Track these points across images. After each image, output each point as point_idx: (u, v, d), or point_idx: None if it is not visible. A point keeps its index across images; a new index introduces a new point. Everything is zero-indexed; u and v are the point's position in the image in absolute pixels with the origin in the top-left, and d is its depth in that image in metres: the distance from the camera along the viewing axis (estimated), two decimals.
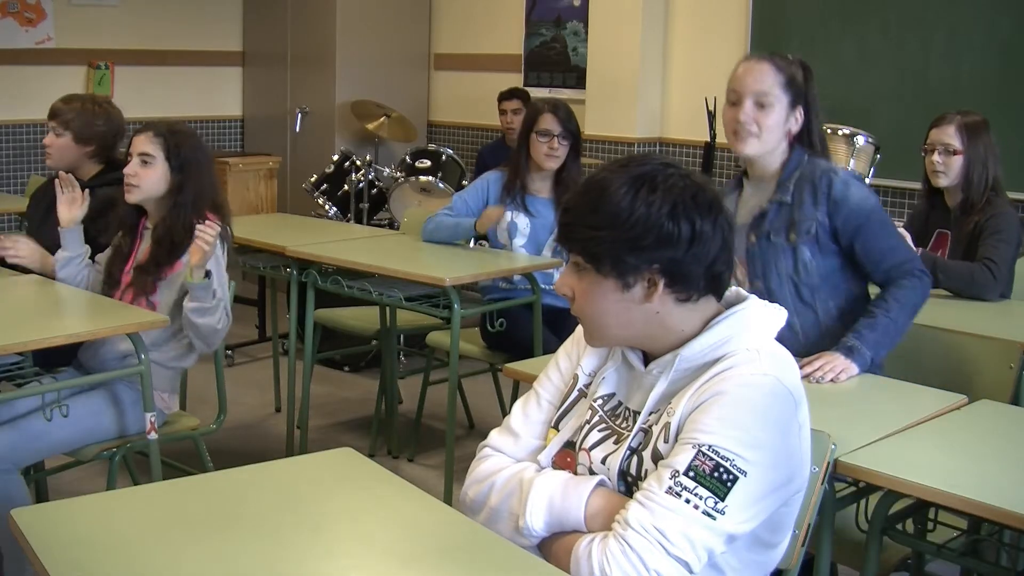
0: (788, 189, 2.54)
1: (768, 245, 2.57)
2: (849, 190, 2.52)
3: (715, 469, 1.47)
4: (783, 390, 1.55)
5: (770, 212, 2.56)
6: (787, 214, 2.54)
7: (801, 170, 2.54)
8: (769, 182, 2.60)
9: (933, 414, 2.15)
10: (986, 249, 3.19)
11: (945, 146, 3.32)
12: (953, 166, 3.32)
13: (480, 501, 1.71)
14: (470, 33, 6.73)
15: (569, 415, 1.72)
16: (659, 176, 1.55)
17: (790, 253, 2.55)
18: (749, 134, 2.52)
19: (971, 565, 2.21)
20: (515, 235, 3.86)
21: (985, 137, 3.34)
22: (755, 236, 2.58)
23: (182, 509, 1.64)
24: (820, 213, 2.51)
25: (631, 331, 1.62)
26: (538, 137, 3.79)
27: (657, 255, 1.54)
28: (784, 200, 2.54)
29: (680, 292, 1.57)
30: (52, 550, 1.48)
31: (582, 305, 1.62)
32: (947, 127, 3.34)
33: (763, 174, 2.61)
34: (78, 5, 6.38)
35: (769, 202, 2.56)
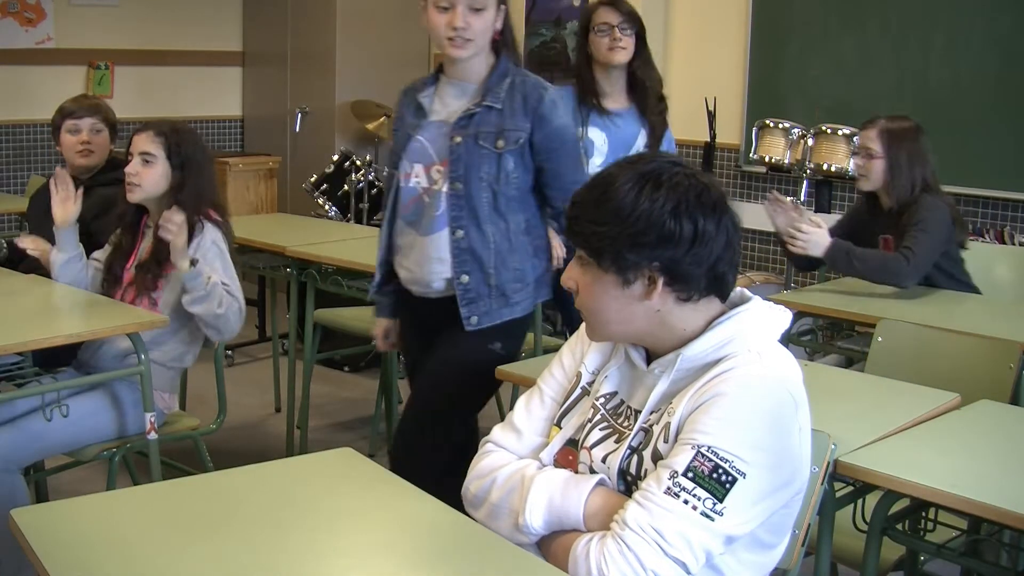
0: (499, 95, 2.54)
1: (474, 148, 2.53)
2: (556, 110, 2.57)
3: (714, 470, 1.47)
4: (784, 392, 1.55)
5: (478, 115, 2.53)
6: (497, 120, 2.53)
7: (512, 78, 2.55)
8: (473, 84, 2.58)
9: (930, 414, 2.16)
10: (906, 239, 3.21)
11: (867, 151, 3.34)
12: (873, 170, 3.32)
13: (481, 497, 1.71)
14: None
15: (572, 413, 1.72)
16: (665, 174, 1.55)
17: (495, 160, 2.54)
18: (466, 40, 2.50)
19: (971, 565, 2.20)
20: (592, 154, 3.50)
21: (909, 143, 3.32)
22: (460, 137, 2.53)
23: (182, 509, 1.64)
24: (528, 124, 2.54)
25: (631, 327, 1.62)
26: (597, 34, 3.43)
27: (657, 253, 1.53)
28: (494, 105, 2.53)
29: (680, 291, 1.57)
30: (52, 550, 1.48)
31: (584, 299, 1.63)
32: (870, 131, 3.35)
33: (466, 76, 2.59)
34: (78, 5, 6.38)
35: (477, 105, 2.53)
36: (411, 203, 2.63)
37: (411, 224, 2.63)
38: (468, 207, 2.55)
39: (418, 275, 2.64)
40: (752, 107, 5.33)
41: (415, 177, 2.60)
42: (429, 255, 2.60)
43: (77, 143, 3.42)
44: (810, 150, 4.69)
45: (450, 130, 2.55)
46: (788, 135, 4.81)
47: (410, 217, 2.63)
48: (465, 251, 2.56)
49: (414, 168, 2.61)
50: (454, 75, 2.61)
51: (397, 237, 2.68)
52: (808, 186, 4.76)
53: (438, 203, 2.57)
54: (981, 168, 4.61)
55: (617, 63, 3.44)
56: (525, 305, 2.67)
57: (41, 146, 6.32)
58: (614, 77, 3.49)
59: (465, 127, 2.54)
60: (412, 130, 2.61)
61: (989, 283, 3.65)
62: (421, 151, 2.60)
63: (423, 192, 2.60)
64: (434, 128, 2.60)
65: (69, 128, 3.43)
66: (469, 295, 2.59)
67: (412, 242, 2.64)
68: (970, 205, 4.72)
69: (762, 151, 4.88)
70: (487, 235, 2.57)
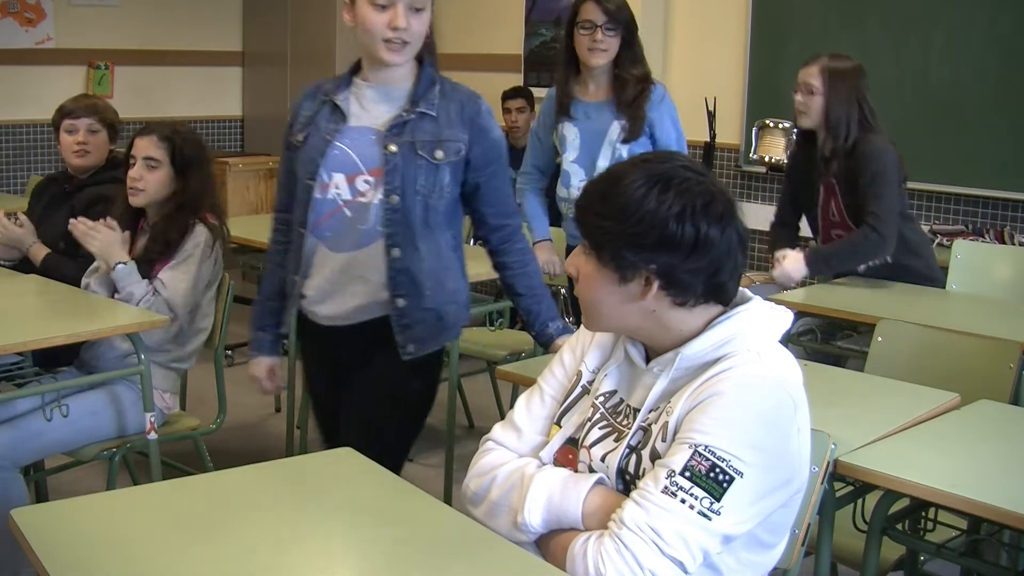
0: (432, 102, 2.32)
1: (411, 158, 2.29)
2: (492, 122, 2.39)
3: (711, 469, 1.47)
4: (782, 392, 1.54)
5: (411, 122, 2.30)
6: (433, 128, 2.31)
7: (440, 85, 2.35)
8: (398, 89, 2.34)
9: (930, 414, 2.16)
10: (867, 203, 3.22)
11: (807, 86, 3.34)
12: (813, 106, 3.33)
13: (481, 495, 1.71)
14: (470, 33, 6.72)
15: (572, 411, 1.72)
16: (676, 177, 1.54)
17: (432, 171, 2.31)
18: (404, 43, 2.26)
19: (971, 565, 2.20)
20: (565, 149, 3.43)
21: (851, 81, 3.33)
22: (396, 146, 2.28)
23: (182, 509, 1.64)
24: (466, 135, 2.34)
25: (626, 323, 1.62)
26: (579, 30, 3.30)
27: (655, 256, 1.53)
28: (429, 112, 2.31)
29: (676, 296, 1.56)
30: (52, 550, 1.48)
31: (582, 288, 1.63)
32: (811, 67, 3.36)
33: (390, 80, 2.34)
34: (78, 5, 6.38)
35: (409, 111, 2.30)
36: (327, 217, 2.33)
37: (325, 241, 2.34)
38: (404, 222, 2.30)
39: (332, 299, 2.36)
40: (752, 107, 5.33)
41: (334, 188, 2.31)
42: (350, 275, 2.33)
43: (73, 143, 3.42)
44: None
45: (382, 137, 2.30)
46: (788, 135, 4.81)
47: (324, 233, 2.33)
48: (401, 271, 2.31)
49: (333, 178, 2.31)
50: (377, 79, 2.35)
51: (308, 256, 2.36)
52: None
53: (365, 217, 2.30)
54: (981, 168, 4.61)
55: (595, 65, 3.32)
56: (458, 329, 2.49)
57: (41, 146, 6.32)
58: (596, 73, 3.36)
59: (399, 134, 2.29)
60: (329, 135, 2.32)
61: (989, 283, 3.65)
62: (342, 159, 2.31)
63: (343, 205, 2.31)
64: (357, 134, 2.32)
65: (66, 128, 3.43)
66: (404, 320, 2.33)
67: (325, 261, 2.35)
68: (970, 205, 4.72)
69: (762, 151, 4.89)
70: (422, 253, 2.33)
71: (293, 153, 2.40)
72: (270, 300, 2.51)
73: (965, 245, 3.83)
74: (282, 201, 2.49)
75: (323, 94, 2.38)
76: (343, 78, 2.39)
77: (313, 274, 2.37)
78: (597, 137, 3.35)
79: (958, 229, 4.59)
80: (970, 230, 4.58)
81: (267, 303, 2.52)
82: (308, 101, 2.41)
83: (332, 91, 2.37)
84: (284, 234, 2.47)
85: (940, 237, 4.53)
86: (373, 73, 2.35)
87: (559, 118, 3.40)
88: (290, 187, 2.42)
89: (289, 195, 2.43)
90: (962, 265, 3.69)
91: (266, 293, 2.52)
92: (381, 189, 2.29)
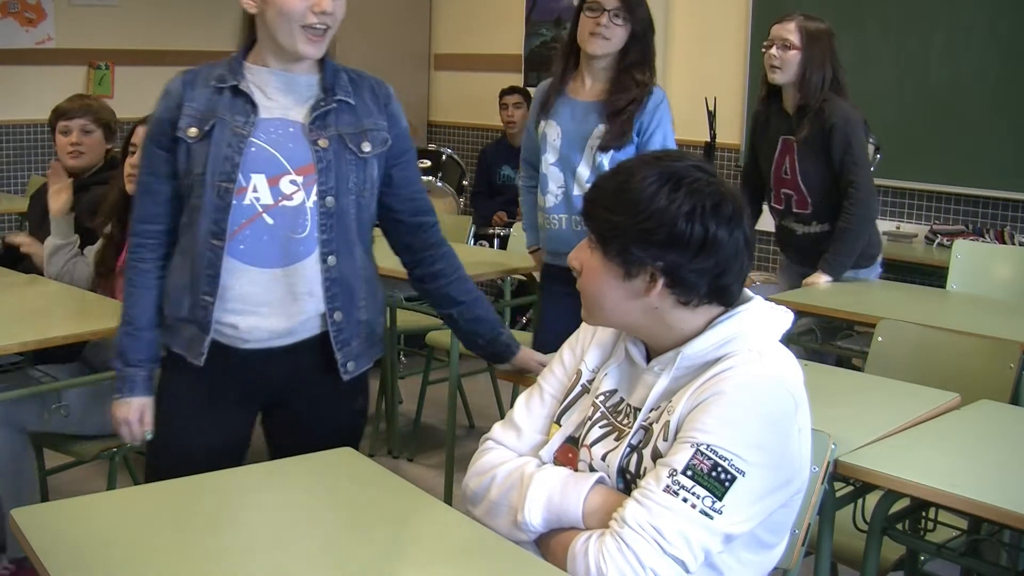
0: (347, 90, 2.08)
1: (342, 153, 2.05)
2: (400, 108, 2.17)
3: (713, 468, 1.47)
4: (783, 392, 1.54)
5: (332, 112, 2.05)
6: (354, 119, 2.07)
7: (344, 71, 2.10)
8: (304, 78, 2.07)
9: (930, 414, 2.16)
10: (846, 171, 3.31)
11: (784, 41, 3.36)
12: (790, 62, 3.36)
13: (480, 494, 1.71)
14: (470, 33, 6.73)
15: (571, 410, 1.72)
16: (688, 177, 1.54)
17: (362, 167, 2.07)
18: (326, 30, 2.01)
19: (971, 565, 2.21)
20: (544, 150, 3.09)
21: (826, 42, 3.39)
22: (326, 140, 2.03)
23: (182, 509, 1.64)
24: (385, 123, 2.11)
25: (627, 319, 1.62)
26: (585, 12, 2.97)
27: (663, 254, 1.53)
28: (347, 100, 2.07)
29: (680, 295, 1.57)
30: (52, 550, 1.48)
31: (585, 282, 1.63)
32: (788, 23, 3.40)
33: (298, 67, 2.06)
34: (78, 5, 6.38)
35: (325, 101, 2.04)
36: (243, 227, 2.01)
37: (240, 255, 2.01)
38: (340, 226, 2.05)
39: (260, 319, 2.05)
40: (752, 107, 5.31)
41: (252, 192, 2.00)
42: (281, 291, 2.04)
43: (67, 144, 3.43)
44: None
45: (307, 131, 2.03)
46: None
47: (238, 245, 2.01)
48: (337, 281, 2.07)
49: (251, 180, 2.00)
50: (279, 65, 2.05)
51: (222, 273, 2.02)
52: None
53: (295, 224, 2.02)
54: (981, 168, 4.61)
55: (592, 53, 2.97)
56: (383, 344, 2.27)
57: (41, 146, 6.32)
58: (596, 68, 3.02)
59: (324, 127, 2.03)
60: (242, 129, 2.00)
61: (989, 283, 3.65)
62: (262, 158, 2.01)
63: (263, 211, 2.01)
64: (274, 128, 2.02)
65: (61, 129, 3.45)
66: (342, 336, 2.09)
67: (245, 277, 2.03)
68: (970, 205, 4.72)
69: None
70: (356, 260, 2.10)
71: (178, 151, 2.04)
72: (143, 331, 2.10)
73: (965, 245, 3.83)
74: (148, 211, 2.10)
75: (215, 80, 2.04)
76: (231, 63, 2.07)
77: (230, 295, 2.03)
78: (579, 140, 3.02)
79: (958, 229, 4.59)
80: (970, 230, 4.58)
81: (140, 334, 2.10)
82: (190, 89, 2.04)
83: (225, 78, 2.04)
84: (153, 250, 2.11)
85: (940, 237, 4.53)
86: (275, 59, 2.05)
87: (541, 114, 3.09)
88: (162, 193, 2.08)
89: (158, 203, 2.09)
90: (962, 265, 3.69)
91: (138, 323, 2.11)
92: (313, 190, 2.02)
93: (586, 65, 3.04)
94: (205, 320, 2.04)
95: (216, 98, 2.03)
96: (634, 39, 2.98)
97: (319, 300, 2.06)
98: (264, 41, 2.05)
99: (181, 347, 2.09)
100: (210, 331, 2.05)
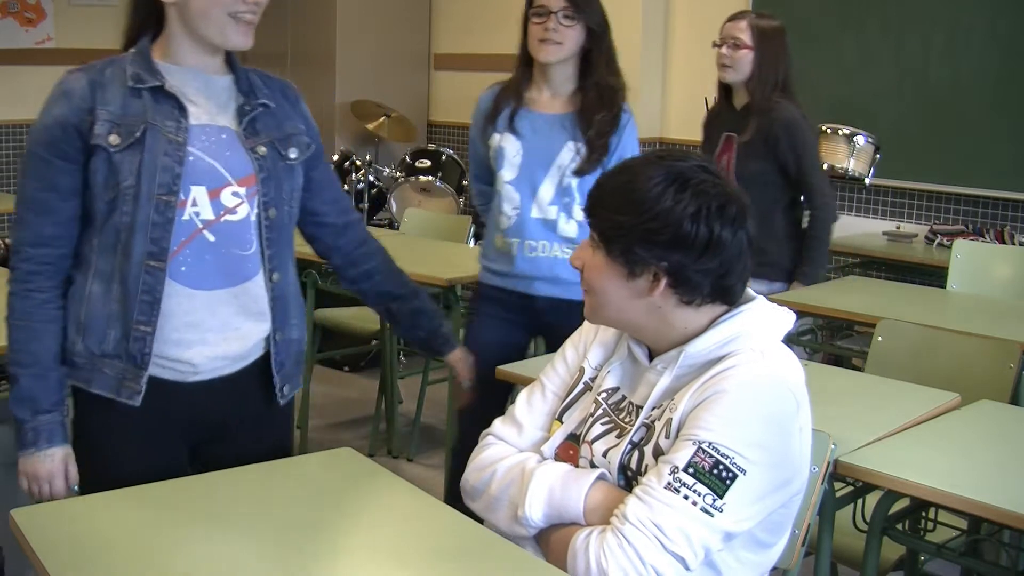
0: (263, 91, 1.91)
1: (277, 160, 1.89)
2: (308, 109, 2.02)
3: (715, 466, 1.47)
4: (786, 391, 1.55)
5: (259, 116, 1.89)
6: (276, 122, 1.91)
7: (255, 73, 1.94)
8: (219, 79, 1.88)
9: (930, 414, 2.16)
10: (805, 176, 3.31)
11: (735, 40, 3.35)
12: (741, 60, 3.34)
13: (480, 489, 1.71)
14: (470, 33, 6.72)
15: (573, 407, 1.72)
16: (694, 177, 1.54)
17: (291, 174, 1.93)
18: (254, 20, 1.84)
19: (971, 565, 2.21)
20: (501, 166, 2.71)
21: (779, 41, 3.38)
22: (263, 146, 1.87)
23: (182, 509, 1.64)
24: (303, 126, 1.97)
25: (629, 317, 1.62)
26: (532, 18, 2.63)
27: (667, 254, 1.53)
28: (268, 103, 1.90)
29: (683, 295, 1.57)
30: (52, 550, 1.48)
31: (588, 280, 1.64)
32: (739, 22, 3.38)
33: (212, 67, 1.87)
34: (78, 5, 6.38)
35: (250, 105, 1.87)
36: (182, 246, 1.80)
37: (182, 277, 1.81)
38: (280, 240, 1.91)
39: (204, 348, 1.85)
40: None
41: (192, 206, 1.80)
42: (229, 313, 1.86)
43: None
44: None
45: (242, 137, 1.85)
46: None
47: (179, 267, 1.80)
48: (279, 299, 1.92)
49: (191, 193, 1.80)
50: (193, 62, 1.84)
51: (162, 299, 1.79)
52: None
53: (242, 240, 1.85)
54: (981, 168, 4.61)
55: (545, 61, 2.62)
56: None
57: None
58: (552, 74, 2.67)
59: (255, 133, 1.87)
60: (176, 135, 1.79)
61: (989, 283, 3.66)
62: (201, 168, 1.81)
63: (203, 227, 1.81)
64: (206, 135, 1.83)
65: None
66: (279, 358, 1.94)
67: (186, 302, 1.82)
68: (970, 205, 4.72)
69: None
70: (290, 275, 1.96)
71: (92, 162, 1.78)
72: (52, 370, 1.82)
73: (965, 245, 3.83)
74: (44, 233, 1.80)
75: (132, 80, 1.79)
76: (142, 61, 1.82)
77: (174, 323, 1.81)
78: (543, 158, 2.67)
79: (958, 229, 4.59)
80: (970, 230, 4.58)
81: (49, 375, 1.82)
82: (100, 91, 1.78)
83: (143, 77, 1.80)
84: (51, 277, 1.82)
85: (940, 237, 4.53)
86: (192, 56, 1.84)
87: (494, 127, 2.72)
88: (63, 212, 1.80)
89: (59, 224, 1.80)
90: (962, 265, 3.69)
91: (44, 362, 1.81)
92: (256, 202, 1.86)
93: (543, 75, 2.68)
94: (141, 354, 1.80)
95: (136, 101, 1.78)
96: (592, 38, 2.61)
97: (267, 321, 1.91)
98: (177, 36, 1.82)
99: (105, 388, 1.82)
100: (148, 366, 1.81)
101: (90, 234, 1.82)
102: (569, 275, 2.52)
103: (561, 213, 2.70)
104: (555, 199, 2.69)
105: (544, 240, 2.71)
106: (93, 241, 1.82)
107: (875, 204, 5.06)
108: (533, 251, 2.71)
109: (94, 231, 1.81)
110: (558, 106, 2.70)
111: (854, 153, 4.17)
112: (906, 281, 4.22)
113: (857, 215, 5.10)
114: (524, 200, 2.70)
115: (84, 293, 1.82)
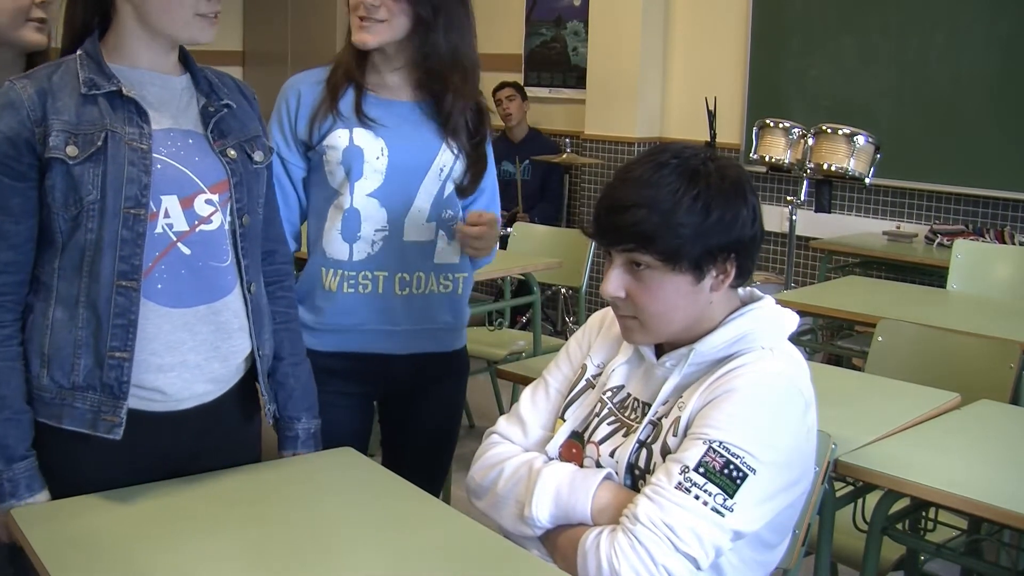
0: (223, 91, 1.79)
1: (247, 164, 1.77)
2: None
3: (725, 466, 1.47)
4: (795, 391, 1.55)
5: (223, 118, 1.76)
6: (239, 124, 1.78)
7: (209, 71, 1.81)
8: (175, 80, 1.74)
9: (930, 414, 2.16)
10: None
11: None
12: None
13: (486, 487, 1.71)
14: None
15: (575, 405, 1.72)
16: (707, 165, 1.55)
17: (257, 179, 1.80)
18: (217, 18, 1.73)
19: (971, 565, 2.21)
20: (358, 173, 2.09)
21: None
22: (233, 150, 1.74)
23: (182, 509, 1.64)
24: (261, 128, 1.85)
25: (687, 323, 1.60)
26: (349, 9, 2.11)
27: (733, 240, 1.55)
28: (230, 104, 1.78)
29: (739, 276, 1.59)
30: (52, 550, 1.48)
31: (646, 303, 1.57)
32: None
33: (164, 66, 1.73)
34: None
35: (213, 106, 1.75)
36: (159, 260, 1.66)
37: (158, 296, 1.66)
38: (253, 249, 1.79)
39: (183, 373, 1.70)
40: (752, 107, 5.33)
41: (164, 218, 1.66)
42: (208, 333, 1.72)
43: None
44: (810, 149, 4.69)
45: (208, 140, 1.73)
46: (788, 135, 4.80)
47: (155, 285, 1.66)
48: (257, 311, 1.79)
49: (162, 204, 1.66)
50: (147, 63, 1.70)
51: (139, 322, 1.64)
52: (808, 186, 4.76)
53: (218, 251, 1.72)
54: (981, 168, 4.62)
55: (360, 45, 2.07)
56: None
57: None
58: (391, 59, 2.12)
59: (222, 135, 1.74)
60: (139, 142, 1.63)
61: (989, 283, 3.66)
62: (170, 175, 1.67)
63: (178, 240, 1.67)
64: (171, 139, 1.69)
65: None
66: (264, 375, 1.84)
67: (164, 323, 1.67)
68: (970, 205, 4.72)
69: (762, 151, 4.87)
70: (262, 285, 1.84)
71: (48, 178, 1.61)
72: (23, 413, 1.64)
73: (965, 245, 3.83)
74: (5, 257, 1.63)
75: (85, 86, 1.63)
76: (91, 64, 1.65)
77: (152, 347, 1.67)
78: (421, 160, 2.12)
79: (958, 229, 4.59)
80: (970, 230, 4.59)
81: (22, 417, 1.64)
82: (50, 99, 1.61)
83: (96, 82, 1.64)
84: (11, 309, 1.65)
85: (940, 237, 4.54)
86: (147, 55, 1.70)
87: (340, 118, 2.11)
88: (19, 235, 1.62)
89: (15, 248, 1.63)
90: (962, 265, 3.70)
91: (15, 404, 1.63)
92: (229, 209, 1.73)
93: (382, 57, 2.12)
94: (119, 382, 1.63)
95: (91, 108, 1.62)
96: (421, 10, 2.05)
97: (247, 336, 1.77)
98: (131, 33, 1.68)
99: (78, 423, 1.65)
100: (127, 395, 1.64)
101: (49, 256, 1.65)
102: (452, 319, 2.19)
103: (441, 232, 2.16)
104: (432, 215, 2.15)
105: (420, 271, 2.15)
106: (53, 264, 1.64)
107: (875, 204, 5.06)
108: (407, 289, 2.14)
109: (54, 253, 1.64)
110: (407, 92, 2.16)
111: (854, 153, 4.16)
112: (906, 281, 4.23)
113: (857, 215, 5.11)
114: (392, 219, 2.12)
115: (46, 321, 1.64)
